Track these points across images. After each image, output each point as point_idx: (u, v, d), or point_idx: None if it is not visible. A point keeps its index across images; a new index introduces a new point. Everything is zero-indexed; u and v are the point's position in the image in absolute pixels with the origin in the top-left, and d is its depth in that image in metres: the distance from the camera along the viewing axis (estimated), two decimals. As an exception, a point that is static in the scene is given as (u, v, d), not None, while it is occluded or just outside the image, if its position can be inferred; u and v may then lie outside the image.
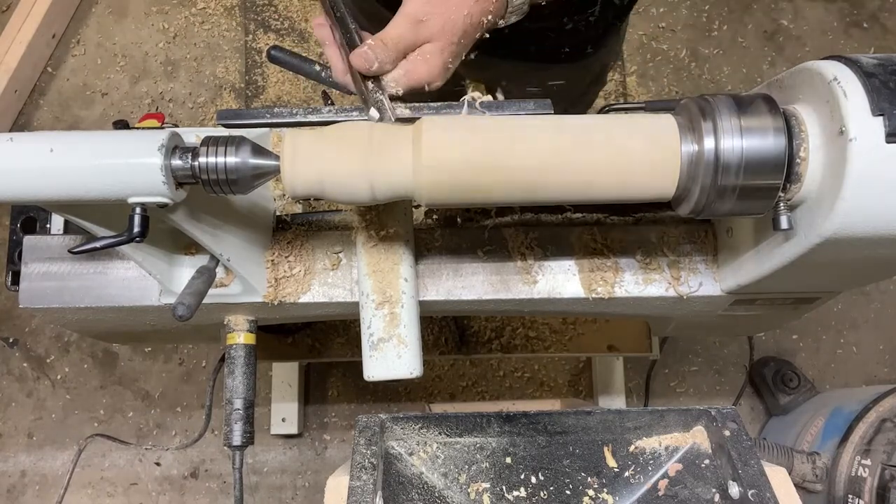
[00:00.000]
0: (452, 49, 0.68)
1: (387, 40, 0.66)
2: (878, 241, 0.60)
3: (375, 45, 0.66)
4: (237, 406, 0.83)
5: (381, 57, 0.66)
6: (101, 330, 0.95)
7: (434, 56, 0.68)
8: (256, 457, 1.89)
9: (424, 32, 0.67)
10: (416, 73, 0.68)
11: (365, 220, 0.77)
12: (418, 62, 0.68)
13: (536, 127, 0.62)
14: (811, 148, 0.60)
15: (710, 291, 0.81)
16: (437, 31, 0.67)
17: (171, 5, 2.23)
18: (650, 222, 0.84)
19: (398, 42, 0.66)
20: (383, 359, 0.74)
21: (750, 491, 0.64)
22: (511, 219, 0.84)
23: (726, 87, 2.14)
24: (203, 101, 2.15)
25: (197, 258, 0.79)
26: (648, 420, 0.73)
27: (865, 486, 1.31)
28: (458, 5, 0.67)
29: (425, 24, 0.66)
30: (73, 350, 1.97)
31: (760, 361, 1.88)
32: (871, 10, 2.21)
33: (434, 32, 0.67)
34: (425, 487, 0.72)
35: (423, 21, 0.66)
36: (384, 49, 0.66)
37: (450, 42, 0.68)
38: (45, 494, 1.87)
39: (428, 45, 0.68)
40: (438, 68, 0.68)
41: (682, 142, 0.61)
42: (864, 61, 0.58)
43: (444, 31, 0.67)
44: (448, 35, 0.67)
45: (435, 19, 0.66)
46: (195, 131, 0.70)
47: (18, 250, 0.84)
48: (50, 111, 2.15)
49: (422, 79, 0.68)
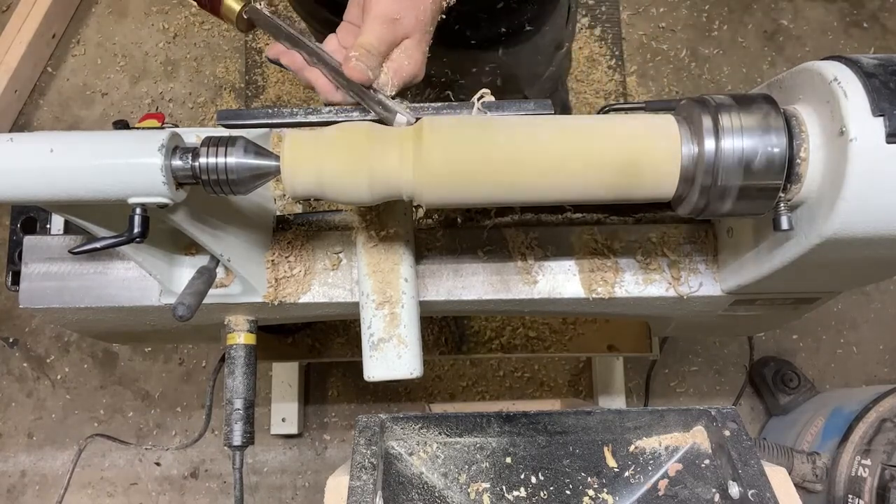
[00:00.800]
0: (427, 38, 0.69)
1: (369, 46, 0.66)
2: (879, 241, 0.60)
3: (361, 54, 0.65)
4: (237, 406, 0.83)
5: (371, 64, 0.66)
6: (101, 330, 0.95)
7: (414, 51, 0.68)
8: (256, 457, 1.89)
9: (401, 29, 0.67)
10: (403, 71, 0.68)
11: (365, 220, 0.77)
12: (402, 61, 0.68)
13: (536, 127, 0.62)
14: (811, 148, 0.60)
15: (710, 291, 0.81)
16: (413, 25, 0.67)
17: (171, 5, 2.23)
18: (650, 222, 0.84)
19: (380, 46, 0.66)
20: (383, 359, 0.74)
21: (750, 491, 0.64)
22: (511, 219, 0.84)
23: (726, 87, 2.14)
24: (203, 101, 2.15)
25: (197, 258, 0.79)
26: (648, 420, 0.73)
27: (865, 486, 1.31)
28: None
29: (400, 22, 0.66)
30: (73, 350, 1.97)
31: (760, 361, 1.88)
32: (871, 10, 2.21)
33: (409, 27, 0.67)
34: (425, 487, 0.72)
35: (397, 19, 0.66)
36: (370, 56, 0.66)
37: (424, 32, 0.68)
38: (45, 494, 1.87)
39: (406, 41, 0.68)
40: (420, 62, 0.69)
41: (682, 142, 0.61)
42: (865, 61, 0.58)
43: (418, 23, 0.67)
44: (422, 26, 0.67)
45: (407, 15, 0.66)
46: (195, 131, 0.70)
47: (18, 250, 0.84)
48: (50, 111, 2.15)
49: (410, 75, 0.68)
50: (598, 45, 2.13)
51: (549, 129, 0.61)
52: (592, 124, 0.62)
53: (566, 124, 0.62)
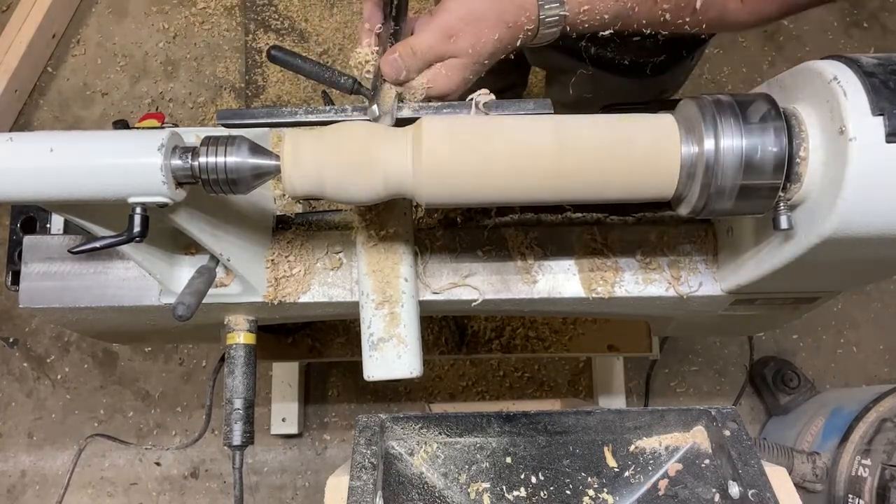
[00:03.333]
0: (476, 68, 0.68)
1: (416, 50, 0.66)
2: (878, 240, 0.60)
3: (405, 52, 0.66)
4: (237, 406, 0.83)
5: (410, 65, 0.66)
6: (101, 330, 0.95)
7: (456, 72, 0.68)
8: (256, 457, 1.89)
9: (453, 48, 0.67)
10: (436, 86, 0.68)
11: (365, 219, 0.77)
12: (440, 76, 0.68)
13: (537, 127, 0.62)
14: (811, 148, 0.60)
15: (710, 291, 0.81)
16: (466, 48, 0.67)
17: (171, 5, 2.23)
18: (650, 222, 0.84)
19: (427, 53, 0.66)
20: (383, 359, 0.74)
21: (750, 491, 0.64)
22: (511, 218, 0.84)
23: (726, 87, 2.14)
24: (203, 100, 2.15)
25: (197, 258, 0.79)
26: (648, 420, 0.73)
27: (865, 486, 1.31)
28: (491, 28, 0.66)
29: (455, 41, 0.66)
30: (73, 350, 1.97)
31: (760, 361, 1.88)
32: (871, 10, 2.21)
33: (462, 49, 0.67)
34: (425, 487, 0.72)
35: (454, 36, 0.66)
36: (413, 58, 0.66)
37: (474, 62, 0.68)
38: (45, 494, 1.87)
39: (453, 60, 0.67)
40: (458, 84, 0.69)
41: (682, 142, 0.61)
42: (864, 61, 0.58)
43: (473, 50, 0.67)
44: (475, 56, 0.67)
45: (466, 37, 0.66)
46: (195, 131, 0.70)
47: (18, 250, 0.84)
48: (50, 111, 2.15)
49: (441, 92, 0.68)
50: (598, 45, 2.12)
51: (549, 129, 0.61)
52: (593, 124, 0.62)
53: (566, 124, 0.62)
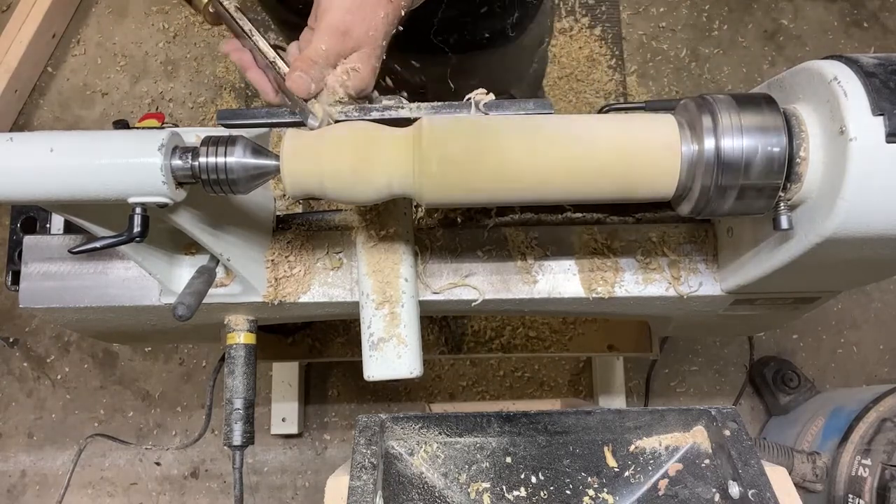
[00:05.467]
0: (378, 52, 0.69)
1: (316, 58, 0.66)
2: (879, 240, 0.60)
3: (307, 65, 0.65)
4: (237, 406, 0.83)
5: (316, 76, 0.66)
6: (101, 330, 0.95)
7: (364, 64, 0.68)
8: (256, 457, 1.89)
9: (350, 42, 0.67)
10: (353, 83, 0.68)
11: (365, 219, 0.77)
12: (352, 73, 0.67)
13: (536, 127, 0.62)
14: (811, 148, 0.60)
15: (710, 291, 0.81)
16: (363, 38, 0.67)
17: (171, 5, 2.23)
18: (650, 222, 0.84)
19: (327, 57, 0.66)
20: (383, 359, 0.74)
21: (750, 491, 0.64)
22: (511, 218, 0.84)
23: (726, 86, 2.14)
24: (203, 100, 2.15)
25: (197, 258, 0.79)
26: (648, 420, 0.73)
27: (865, 486, 1.31)
28: (375, 8, 0.66)
29: (350, 34, 0.66)
30: (73, 350, 1.97)
31: (760, 361, 1.88)
32: (871, 10, 2.21)
33: (360, 40, 0.67)
34: (425, 487, 0.72)
35: (347, 31, 0.66)
36: (315, 68, 0.66)
37: (375, 46, 0.68)
38: (45, 494, 1.87)
39: (355, 55, 0.67)
40: (370, 75, 0.69)
41: (682, 141, 0.61)
42: (865, 61, 0.58)
43: (369, 37, 0.67)
44: (374, 39, 0.67)
45: (358, 27, 0.66)
46: (195, 131, 0.69)
47: (18, 250, 0.84)
48: (50, 111, 2.15)
49: (358, 87, 0.68)
50: (598, 45, 2.13)
51: (549, 128, 0.61)
52: (593, 124, 0.62)
53: (566, 124, 0.62)
